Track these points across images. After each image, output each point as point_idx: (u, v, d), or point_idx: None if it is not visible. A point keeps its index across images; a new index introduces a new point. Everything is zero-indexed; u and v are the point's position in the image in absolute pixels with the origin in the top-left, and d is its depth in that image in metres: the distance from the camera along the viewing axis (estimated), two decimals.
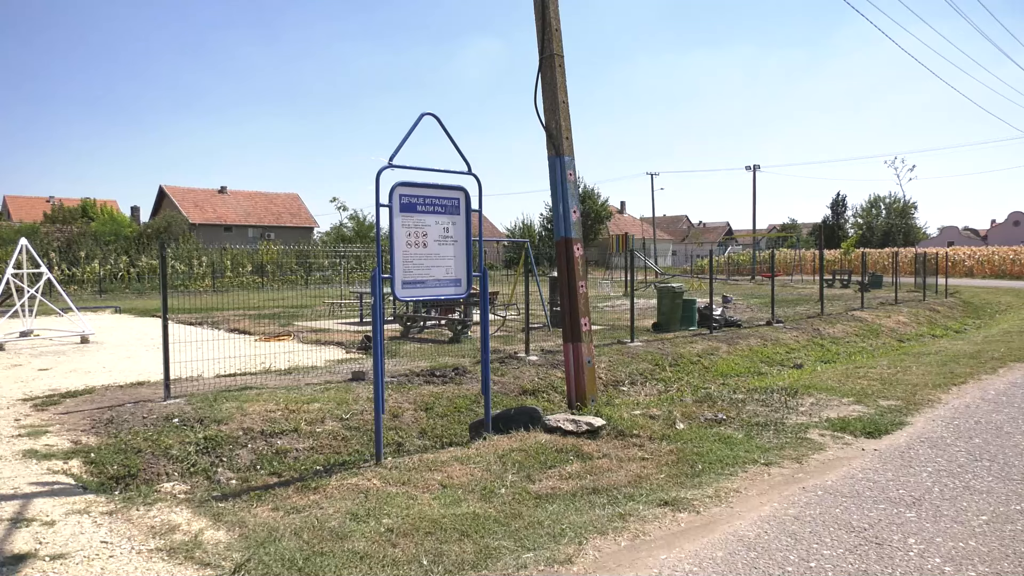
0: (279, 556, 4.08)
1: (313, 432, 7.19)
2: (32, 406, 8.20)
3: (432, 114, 6.40)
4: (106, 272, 38.45)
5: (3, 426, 7.25)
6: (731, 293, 26.46)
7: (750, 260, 57.00)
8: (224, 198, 62.01)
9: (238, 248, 44.95)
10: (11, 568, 3.99)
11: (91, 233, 44.36)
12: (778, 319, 16.88)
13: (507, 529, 4.53)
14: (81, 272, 37.64)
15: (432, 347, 12.83)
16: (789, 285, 34.77)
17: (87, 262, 38.81)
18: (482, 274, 6.96)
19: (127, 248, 42.23)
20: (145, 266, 39.88)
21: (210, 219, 57.73)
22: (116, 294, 34.26)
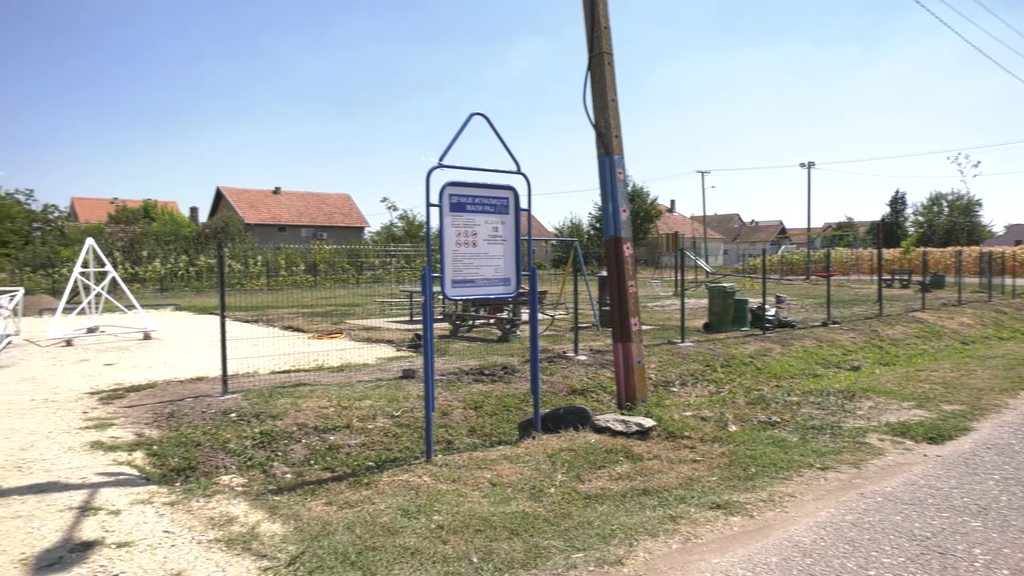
0: (332, 550, 4.16)
1: (365, 428, 7.30)
2: (98, 399, 8.54)
3: (482, 114, 6.43)
4: (166, 271, 39.74)
5: (72, 418, 7.56)
6: (784, 293, 25.91)
7: (804, 259, 55.72)
8: (278, 199, 63.40)
9: (291, 247, 45.95)
10: (80, 554, 4.16)
11: (152, 233, 45.95)
12: (834, 320, 16.45)
13: (556, 529, 4.52)
14: (143, 271, 38.99)
15: (481, 346, 12.89)
16: (845, 285, 33.86)
17: (149, 261, 40.18)
18: (531, 273, 6.96)
19: (186, 247, 43.59)
20: (203, 265, 41.07)
21: (265, 219, 59.08)
22: (176, 292, 35.38)
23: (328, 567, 3.94)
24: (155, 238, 44.86)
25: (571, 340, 11.99)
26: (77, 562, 4.05)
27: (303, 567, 3.95)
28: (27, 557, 4.13)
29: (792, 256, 61.52)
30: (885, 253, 45.38)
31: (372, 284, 39.30)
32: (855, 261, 51.89)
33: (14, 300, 15.31)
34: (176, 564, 4.03)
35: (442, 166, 6.13)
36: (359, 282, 40.95)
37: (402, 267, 40.67)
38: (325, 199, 66.45)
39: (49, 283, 34.47)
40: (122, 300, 17.53)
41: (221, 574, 3.90)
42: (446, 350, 12.12)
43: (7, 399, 8.65)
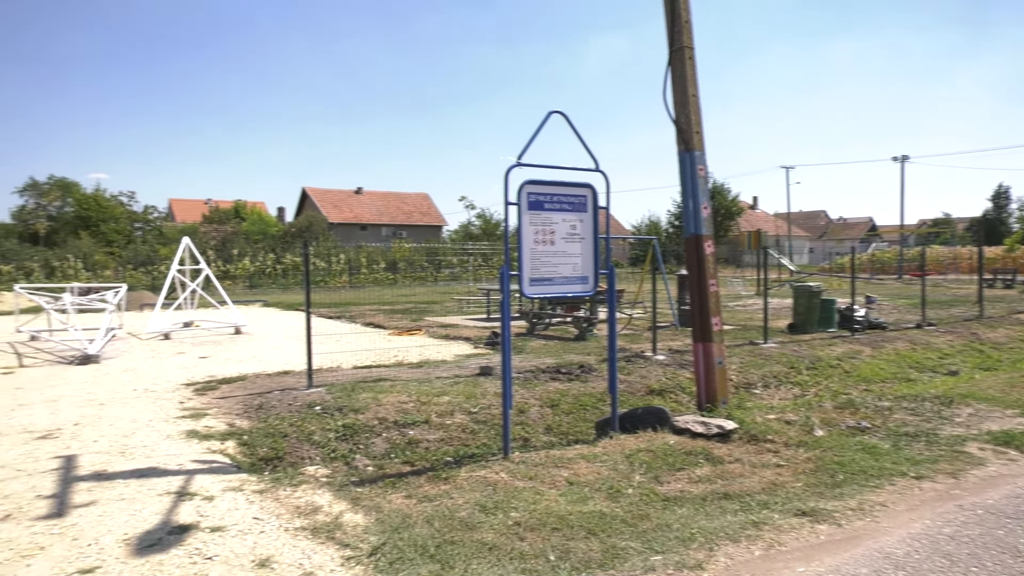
0: (412, 542, 4.24)
1: (443, 424, 7.41)
2: (193, 390, 8.98)
3: (560, 112, 6.41)
4: (255, 268, 41.42)
5: (170, 408, 7.99)
6: (875, 293, 24.75)
7: (896, 258, 53.16)
8: (360, 198, 65.10)
9: (372, 246, 47.11)
10: (177, 537, 4.39)
11: (242, 232, 47.99)
12: (929, 321, 15.64)
13: (634, 530, 4.47)
14: (234, 268, 40.75)
15: (557, 344, 12.88)
16: (942, 285, 32.10)
17: (239, 259, 41.97)
18: (609, 272, 6.91)
19: (273, 246, 45.31)
20: (289, 263, 42.59)
21: (347, 218, 60.76)
22: (264, 289, 36.84)
23: (408, 559, 4.02)
24: (245, 237, 46.85)
25: (649, 339, 11.83)
26: (175, 544, 4.27)
27: (384, 558, 4.04)
28: (130, 537, 4.39)
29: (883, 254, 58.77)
30: (987, 251, 42.73)
31: (450, 282, 39.87)
32: (952, 260, 49.12)
33: (118, 296, 16.27)
34: (265, 550, 4.20)
35: (520, 164, 6.15)
36: (437, 280, 41.62)
37: (479, 265, 41.07)
38: (405, 198, 67.79)
39: (149, 280, 36.50)
40: (215, 296, 18.38)
41: (307, 561, 4.04)
42: (523, 348, 12.16)
43: (112, 389, 9.21)
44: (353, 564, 3.99)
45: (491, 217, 59.46)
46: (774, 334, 13.31)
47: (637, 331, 14.76)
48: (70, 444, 6.53)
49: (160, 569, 3.93)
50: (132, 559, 4.07)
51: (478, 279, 36.06)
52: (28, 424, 7.29)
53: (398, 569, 3.89)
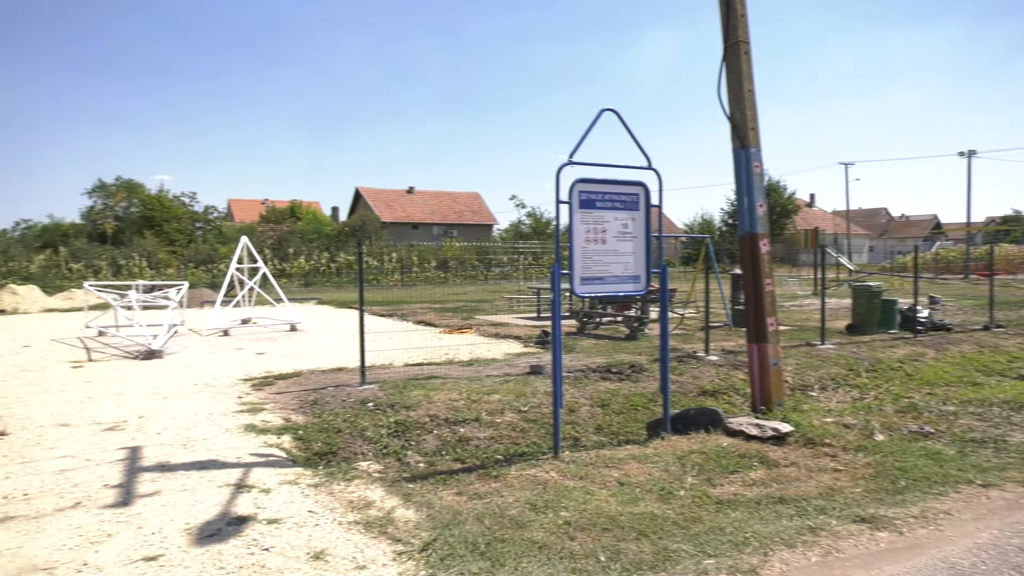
0: (463, 539, 4.27)
1: (493, 422, 7.44)
2: (251, 385, 9.22)
3: (612, 110, 6.37)
4: (310, 267, 42.27)
5: (228, 402, 8.22)
6: (939, 293, 23.88)
7: (962, 257, 51.16)
8: (412, 198, 65.84)
9: (424, 245, 47.59)
10: (235, 528, 4.52)
11: (298, 231, 49.04)
12: (998, 323, 15.01)
13: (686, 533, 4.41)
14: (290, 267, 41.67)
15: (608, 343, 12.79)
16: (1012, 285, 30.76)
17: (295, 258, 42.89)
18: (661, 271, 6.83)
19: (327, 245, 46.18)
20: (343, 262, 43.35)
21: (399, 218, 61.53)
22: (318, 287, 37.59)
23: (458, 555, 4.05)
24: (300, 236, 47.85)
25: (701, 339, 11.66)
26: (233, 535, 4.40)
27: (435, 554, 4.08)
28: (191, 527, 4.54)
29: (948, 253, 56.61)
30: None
31: (500, 281, 40.01)
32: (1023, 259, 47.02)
33: (180, 293, 16.81)
34: (319, 542, 4.28)
35: (572, 163, 6.13)
36: (488, 279, 41.81)
37: (530, 264, 41.09)
38: (456, 198, 68.29)
39: (209, 278, 37.62)
40: (271, 294, 18.83)
41: (359, 555, 4.10)
42: (573, 347, 12.13)
43: (174, 383, 9.52)
44: (405, 559, 4.04)
45: (541, 216, 59.45)
46: (832, 335, 12.96)
47: (689, 331, 14.56)
48: (135, 436, 6.78)
49: (220, 559, 4.05)
50: (193, 548, 4.20)
51: (528, 278, 36.09)
52: (97, 416, 7.60)
53: (449, 565, 3.93)
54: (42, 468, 5.79)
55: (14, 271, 35.78)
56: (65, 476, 5.58)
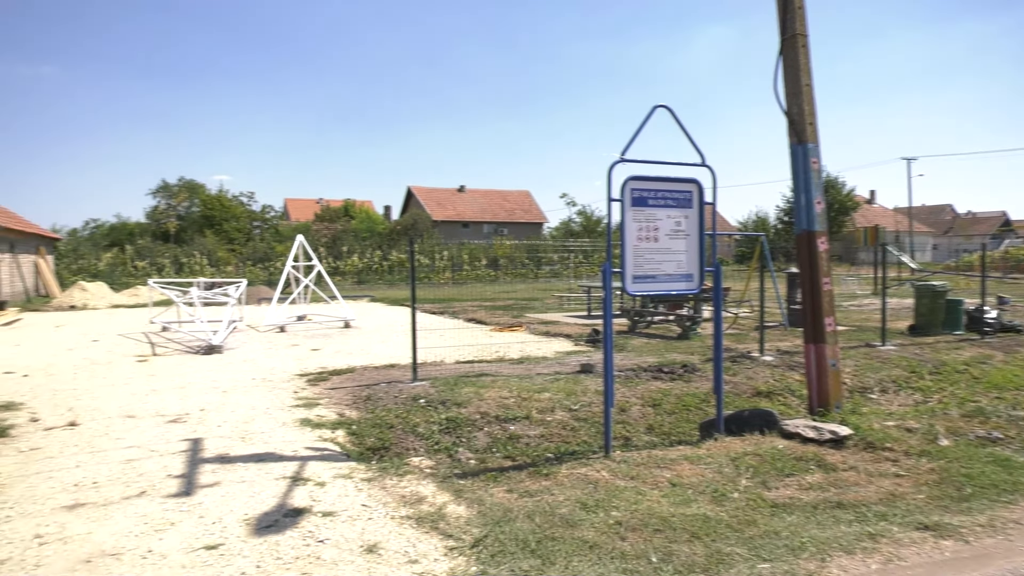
0: (513, 536, 4.28)
1: (544, 420, 7.44)
2: (306, 381, 9.43)
3: (665, 106, 6.29)
4: (363, 265, 42.98)
5: (284, 397, 8.42)
6: (1008, 293, 22.89)
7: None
8: (462, 196, 66.25)
9: (474, 243, 47.86)
10: (292, 519, 4.63)
11: (351, 230, 49.89)
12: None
13: (740, 536, 4.34)
14: (343, 265, 42.43)
15: (659, 343, 12.66)
16: None
17: (348, 256, 43.66)
18: (715, 269, 6.72)
19: (380, 243, 46.87)
20: (395, 260, 43.94)
21: (450, 216, 62.00)
22: (371, 285, 38.17)
23: (509, 552, 4.06)
24: (354, 235, 48.69)
25: (756, 339, 11.44)
26: (289, 526, 4.50)
27: (486, 550, 4.11)
28: (250, 518, 4.66)
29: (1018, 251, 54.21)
30: None
31: (550, 279, 39.98)
32: None
33: (238, 290, 17.28)
34: (372, 536, 4.35)
35: (624, 160, 6.08)
36: (538, 277, 41.82)
37: (580, 262, 40.95)
38: (506, 196, 68.45)
39: (266, 275, 38.59)
40: (326, 291, 19.19)
41: (412, 549, 4.16)
42: (624, 346, 12.03)
43: (233, 377, 9.80)
44: (456, 555, 4.07)
45: (592, 214, 59.18)
46: (893, 336, 12.56)
47: (743, 331, 14.30)
48: (196, 428, 7.00)
49: (277, 549, 4.15)
50: (252, 538, 4.32)
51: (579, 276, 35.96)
52: (161, 408, 7.87)
53: (499, 562, 3.94)
54: (110, 458, 6.03)
55: (84, 269, 37.35)
56: (131, 466, 5.80)
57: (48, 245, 32.81)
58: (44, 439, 6.65)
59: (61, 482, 5.42)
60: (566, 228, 59.85)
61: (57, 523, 4.61)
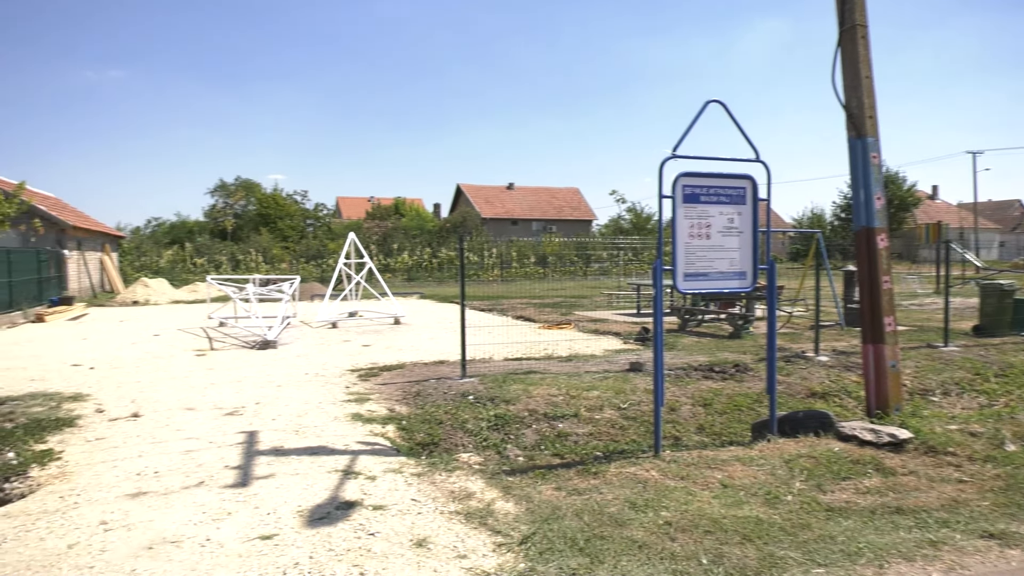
0: (561, 534, 4.27)
1: (592, 419, 7.41)
2: (358, 376, 9.58)
3: (718, 101, 6.18)
4: (413, 262, 43.45)
5: (336, 391, 8.57)
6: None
7: None
8: (511, 194, 66.35)
9: (523, 241, 47.91)
10: (343, 512, 4.71)
11: (402, 228, 50.45)
12: None
13: (794, 539, 4.24)
14: (394, 262, 42.98)
15: (710, 341, 12.47)
16: None
17: (398, 253, 44.22)
18: (769, 267, 6.58)
19: (430, 241, 47.31)
20: (444, 257, 44.30)
21: (499, 213, 62.16)
22: (420, 282, 38.54)
23: (557, 550, 4.06)
24: (404, 232, 49.26)
25: (810, 339, 11.17)
26: (341, 519, 4.58)
27: (534, 547, 4.11)
28: (303, 509, 4.76)
29: None
30: None
31: (599, 276, 39.74)
32: None
33: (292, 287, 17.67)
34: (422, 530, 4.40)
35: (675, 157, 6.00)
36: (586, 274, 41.62)
37: (629, 260, 40.61)
38: (555, 193, 68.30)
39: (318, 272, 39.33)
40: (376, 288, 19.47)
41: (460, 544, 4.19)
42: (674, 344, 11.89)
43: (287, 372, 10.02)
44: (504, 551, 4.09)
45: (642, 211, 58.64)
46: (956, 337, 12.11)
47: (797, 330, 13.98)
48: (252, 421, 7.18)
49: (329, 541, 4.23)
50: (305, 529, 4.41)
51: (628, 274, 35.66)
52: (218, 401, 8.10)
53: (548, 559, 3.94)
54: (170, 448, 6.23)
55: (146, 265, 38.68)
56: (190, 456, 5.99)
57: (113, 243, 34.06)
58: (109, 429, 6.92)
59: (125, 471, 5.63)
60: (615, 225, 59.44)
61: (121, 510, 4.78)
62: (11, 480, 5.50)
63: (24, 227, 23.36)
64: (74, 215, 29.21)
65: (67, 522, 4.60)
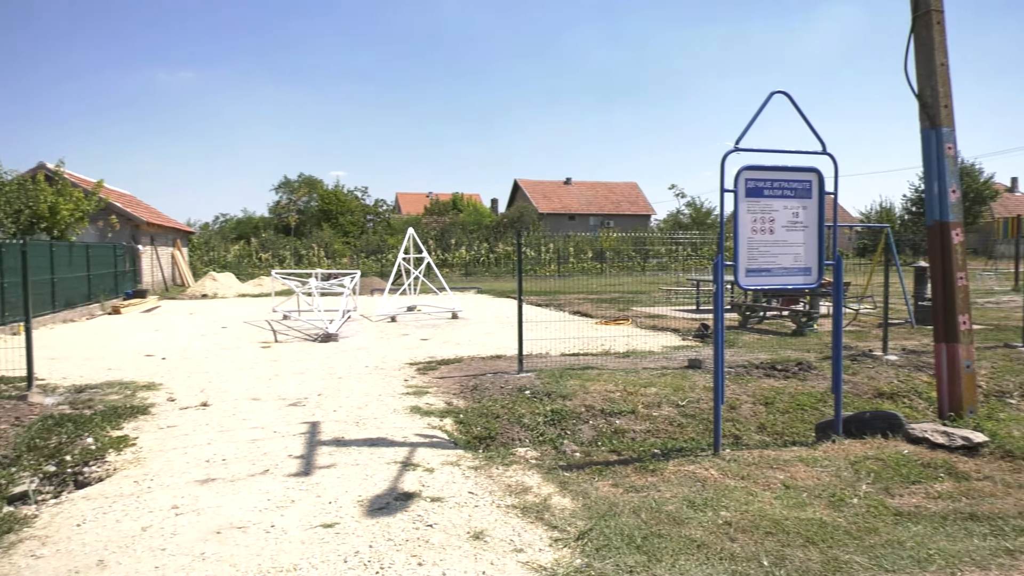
0: (619, 531, 4.25)
1: (650, 415, 7.33)
2: (416, 369, 9.71)
3: (784, 92, 6.02)
4: (470, 257, 43.73)
5: (396, 384, 8.70)
6: None
7: None
8: (568, 189, 66.10)
9: (580, 236, 47.68)
10: (402, 503, 4.78)
11: (459, 223, 50.84)
12: None
13: (860, 544, 4.11)
14: (451, 257, 43.35)
15: (772, 339, 12.18)
16: None
17: (456, 248, 44.57)
18: (836, 262, 6.39)
19: (487, 236, 47.54)
20: (501, 252, 44.46)
21: (556, 208, 62.02)
22: (477, 277, 38.77)
23: (614, 547, 4.03)
24: (461, 227, 49.63)
25: (878, 337, 10.80)
26: (400, 509, 4.66)
27: (590, 543, 4.10)
28: (363, 499, 4.86)
29: None
30: None
31: (657, 272, 39.25)
32: None
33: (353, 281, 18.00)
34: (479, 523, 4.43)
35: (738, 150, 5.87)
36: (644, 270, 41.16)
37: (688, 255, 40.00)
38: (613, 188, 67.74)
39: (378, 267, 39.99)
40: (434, 283, 19.68)
41: (517, 538, 4.20)
42: (734, 342, 11.67)
43: (348, 365, 10.23)
44: (560, 546, 4.09)
45: (702, 205, 57.62)
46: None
47: (864, 328, 13.53)
48: (314, 412, 7.36)
49: (388, 531, 4.31)
50: (365, 519, 4.50)
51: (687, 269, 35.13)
52: (282, 392, 8.33)
53: (604, 556, 3.92)
54: (237, 437, 6.44)
55: (214, 260, 40.03)
56: (256, 445, 6.18)
57: (183, 238, 35.36)
58: (180, 417, 7.19)
59: (194, 458, 5.84)
60: (674, 220, 58.57)
61: (191, 495, 4.97)
62: (90, 464, 5.78)
63: (102, 223, 24.51)
64: (147, 211, 30.43)
65: (141, 505, 4.80)
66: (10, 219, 18.57)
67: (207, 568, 3.86)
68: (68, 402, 7.71)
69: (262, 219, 59.31)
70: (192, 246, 39.47)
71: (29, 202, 18.84)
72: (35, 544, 4.24)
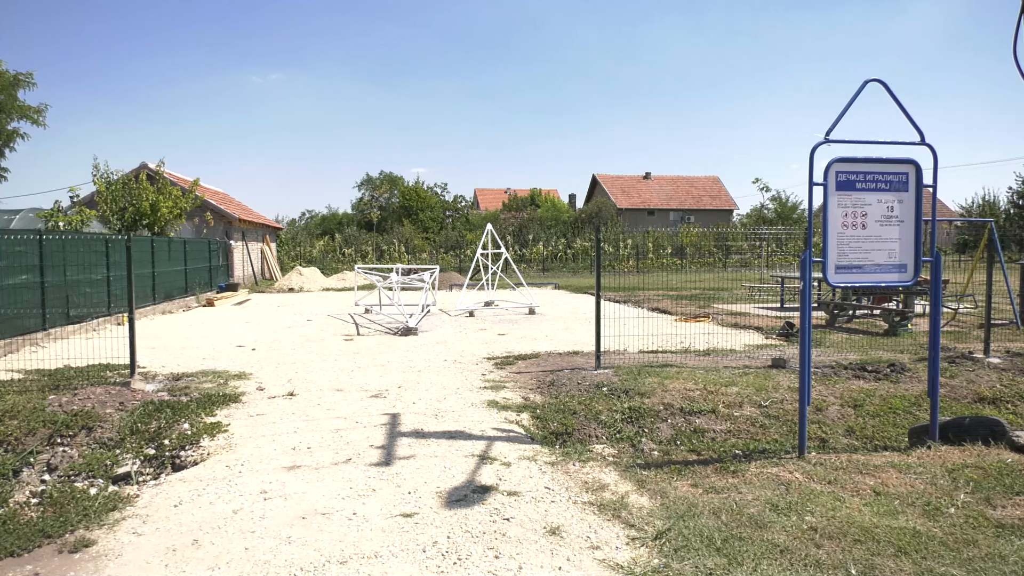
0: (698, 532, 4.16)
1: (731, 415, 7.15)
2: (494, 364, 9.79)
3: (879, 80, 5.75)
4: (548, 252, 43.73)
5: (473, 378, 8.80)
6: None
7: None
8: (648, 183, 65.16)
9: (660, 231, 46.94)
10: (479, 496, 4.84)
11: (537, 218, 50.92)
12: None
13: (957, 556, 3.89)
14: (529, 252, 43.46)
15: (862, 338, 11.67)
16: None
17: (533, 244, 44.65)
18: (934, 259, 6.05)
19: (564, 231, 47.42)
20: (579, 247, 44.26)
21: (635, 203, 61.26)
22: (555, 272, 38.74)
23: (693, 548, 3.96)
24: (539, 223, 49.68)
25: (979, 338, 10.19)
26: (477, 502, 4.71)
27: (668, 543, 4.03)
28: (441, 491, 4.94)
29: None
30: None
31: (739, 268, 38.22)
32: None
33: (432, 276, 18.29)
34: (555, 519, 4.43)
35: (828, 142, 5.64)
36: (726, 266, 40.16)
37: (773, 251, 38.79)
38: (693, 182, 66.38)
39: (457, 262, 40.50)
40: (512, 278, 19.79)
41: (593, 535, 4.18)
42: (821, 341, 11.24)
43: (427, 358, 10.41)
44: (638, 545, 4.04)
45: (787, 200, 55.73)
46: None
47: (963, 328, 12.78)
48: (395, 404, 7.53)
49: (466, 522, 4.36)
50: (443, 510, 4.58)
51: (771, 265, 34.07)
52: (363, 384, 8.55)
53: (683, 557, 3.85)
54: (321, 426, 6.66)
55: (300, 255, 41.48)
56: (339, 435, 6.37)
57: (272, 234, 36.77)
58: (268, 406, 7.49)
59: (282, 445, 6.08)
60: (758, 215, 56.87)
61: (279, 481, 5.17)
62: (186, 448, 6.09)
63: (197, 220, 25.78)
64: (239, 208, 31.79)
65: (232, 489, 5.03)
66: (116, 216, 19.77)
67: (293, 551, 4.01)
68: (167, 389, 8.16)
69: (345, 215, 61.06)
70: (280, 242, 41.01)
71: (132, 200, 20.00)
72: (137, 522, 4.51)
